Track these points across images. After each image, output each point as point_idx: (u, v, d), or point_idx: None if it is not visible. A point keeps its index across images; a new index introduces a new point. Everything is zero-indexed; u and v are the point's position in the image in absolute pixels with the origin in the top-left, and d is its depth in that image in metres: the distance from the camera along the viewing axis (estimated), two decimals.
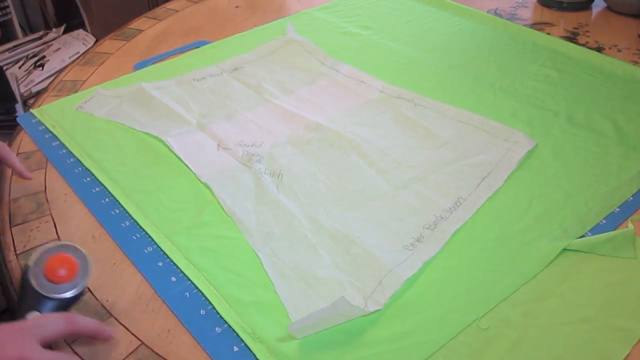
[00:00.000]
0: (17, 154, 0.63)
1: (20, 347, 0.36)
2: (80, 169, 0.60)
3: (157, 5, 1.14)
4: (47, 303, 0.41)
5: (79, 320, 0.40)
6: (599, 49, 0.80)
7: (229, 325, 0.43)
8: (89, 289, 0.47)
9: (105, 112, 0.68)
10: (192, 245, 0.50)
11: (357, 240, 0.49)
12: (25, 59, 1.48)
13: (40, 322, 0.38)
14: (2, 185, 0.59)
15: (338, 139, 0.62)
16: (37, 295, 0.41)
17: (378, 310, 0.43)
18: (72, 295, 0.41)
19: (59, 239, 0.52)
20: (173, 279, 0.47)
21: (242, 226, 0.52)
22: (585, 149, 0.60)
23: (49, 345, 0.38)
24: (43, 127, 0.66)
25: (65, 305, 0.42)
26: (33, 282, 0.41)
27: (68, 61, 1.43)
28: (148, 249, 0.50)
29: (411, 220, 0.52)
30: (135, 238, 0.51)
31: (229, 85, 0.73)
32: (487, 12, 0.91)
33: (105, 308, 0.45)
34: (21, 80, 1.45)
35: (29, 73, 1.43)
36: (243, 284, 0.47)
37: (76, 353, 0.42)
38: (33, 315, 0.40)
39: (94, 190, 0.57)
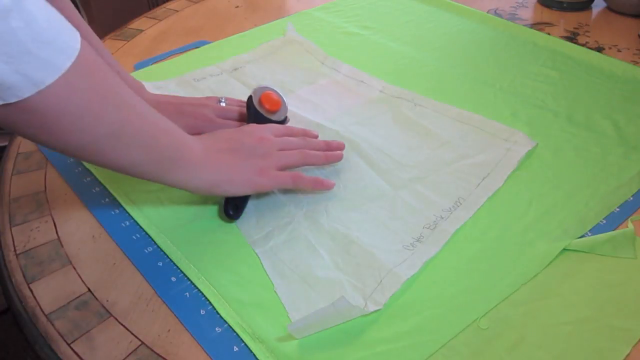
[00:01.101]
0: (17, 154, 0.63)
1: (263, 133, 0.54)
2: (80, 169, 0.60)
3: (157, 5, 1.14)
4: (265, 121, 0.58)
5: (294, 129, 0.59)
6: (599, 49, 0.80)
7: (229, 325, 0.43)
8: (89, 289, 0.47)
9: None
10: (192, 246, 0.50)
11: (357, 240, 0.49)
12: None
13: (272, 126, 0.57)
14: (2, 185, 0.59)
15: (338, 139, 0.62)
16: (259, 115, 0.59)
17: (378, 310, 0.43)
18: (279, 119, 0.60)
19: (58, 239, 0.52)
20: (173, 279, 0.47)
21: (242, 226, 0.52)
22: (585, 149, 0.60)
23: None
24: None
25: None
26: (257, 106, 0.59)
27: None
28: (148, 249, 0.50)
29: (411, 220, 0.52)
30: (135, 238, 0.51)
31: (229, 85, 0.73)
32: (487, 12, 0.91)
33: (105, 308, 0.45)
34: None
35: None
36: (243, 284, 0.47)
37: (76, 353, 0.42)
38: None
39: (94, 190, 0.57)
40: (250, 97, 0.60)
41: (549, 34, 0.83)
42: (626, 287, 0.45)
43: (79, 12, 1.68)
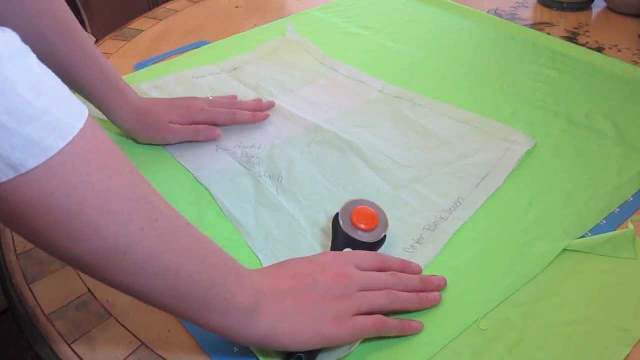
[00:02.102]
0: None
1: (341, 267, 0.42)
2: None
3: (157, 5, 1.14)
4: (355, 244, 0.47)
5: (388, 259, 0.46)
6: (599, 49, 0.80)
7: None
8: (89, 289, 0.47)
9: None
10: None
11: None
12: None
13: (357, 255, 0.45)
14: None
15: (337, 140, 0.62)
16: (347, 237, 0.47)
17: None
18: (375, 240, 0.48)
19: None
20: None
21: (241, 228, 0.52)
22: (585, 149, 0.60)
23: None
24: None
25: (369, 249, 0.47)
26: (343, 226, 0.48)
27: None
28: None
29: (411, 220, 0.52)
30: None
31: (228, 85, 0.73)
32: (487, 12, 0.91)
33: (105, 308, 0.45)
34: None
35: None
36: None
37: (76, 353, 0.42)
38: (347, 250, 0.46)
39: None
40: (336, 216, 0.49)
41: (549, 34, 0.83)
42: (626, 287, 0.45)
43: (79, 12, 1.67)
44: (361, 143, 0.61)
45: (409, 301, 0.43)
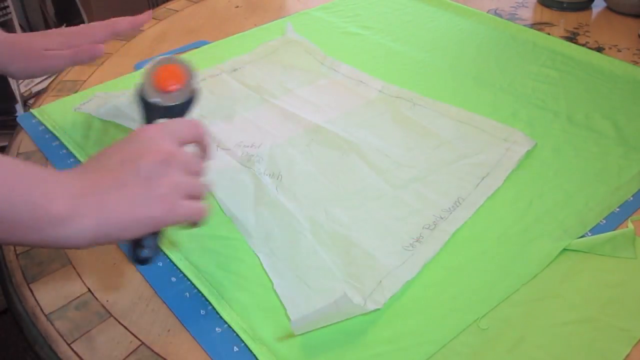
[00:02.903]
0: (17, 154, 0.63)
1: (164, 143, 0.40)
2: None
3: (157, 5, 1.14)
4: (166, 111, 0.43)
5: (204, 126, 0.43)
6: (599, 49, 0.80)
7: (228, 326, 0.43)
8: (89, 289, 0.47)
9: (104, 112, 0.68)
10: (192, 246, 0.50)
11: (356, 242, 0.49)
12: None
13: (173, 126, 0.42)
14: None
15: (337, 140, 0.62)
16: (155, 107, 0.43)
17: (378, 309, 0.43)
18: (185, 100, 0.44)
19: None
20: (173, 279, 0.47)
21: (241, 227, 0.52)
22: (585, 149, 0.60)
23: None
24: (43, 127, 0.66)
25: (182, 109, 0.44)
26: (147, 96, 0.43)
27: None
28: None
29: (411, 220, 0.52)
30: None
31: (228, 86, 0.73)
32: (487, 12, 0.91)
33: (105, 308, 0.45)
34: (21, 80, 1.45)
35: None
36: (243, 284, 0.47)
37: (76, 353, 0.42)
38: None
39: None
40: (138, 85, 0.45)
41: (549, 34, 0.83)
42: (626, 287, 0.45)
43: (79, 12, 1.67)
44: (361, 143, 0.61)
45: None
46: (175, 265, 0.48)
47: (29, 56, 0.56)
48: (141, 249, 0.40)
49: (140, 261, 0.40)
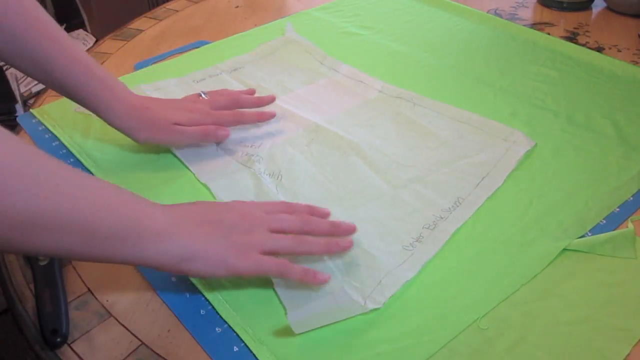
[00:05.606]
0: None
1: (248, 208, 0.46)
2: (80, 169, 0.60)
3: (157, 5, 1.14)
4: None
5: (295, 205, 0.49)
6: (599, 49, 0.80)
7: (229, 326, 0.43)
8: (89, 289, 0.47)
9: None
10: None
11: (356, 242, 0.49)
12: None
13: (263, 203, 0.48)
14: None
15: (337, 140, 0.62)
16: None
17: (377, 309, 0.43)
18: None
19: None
20: (173, 279, 0.47)
21: None
22: (585, 149, 0.60)
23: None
24: (43, 127, 0.66)
25: None
26: None
27: None
28: None
29: (411, 220, 0.52)
30: None
31: (228, 86, 0.73)
32: (487, 12, 0.91)
33: (105, 308, 0.45)
34: (21, 80, 1.45)
35: None
36: (243, 284, 0.47)
37: (76, 353, 0.42)
38: None
39: None
40: None
41: (549, 34, 0.83)
42: (626, 287, 0.45)
43: (79, 12, 1.67)
44: (361, 143, 0.61)
45: (315, 245, 0.45)
46: None
47: (158, 126, 0.57)
48: (51, 328, 0.42)
49: (51, 344, 0.42)
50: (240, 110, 0.63)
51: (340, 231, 0.47)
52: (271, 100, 0.65)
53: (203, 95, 0.63)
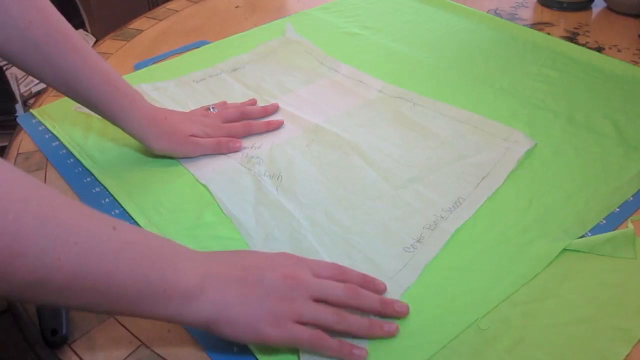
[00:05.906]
0: (17, 154, 0.63)
1: (295, 269, 0.41)
2: (80, 169, 0.60)
3: (157, 5, 1.14)
4: None
5: (349, 271, 0.44)
6: (599, 49, 0.80)
7: None
8: None
9: None
10: (192, 246, 0.49)
11: (357, 245, 0.49)
12: None
13: (316, 261, 0.43)
14: None
15: (337, 141, 0.62)
16: None
17: None
18: None
19: None
20: None
21: (241, 227, 0.52)
22: (585, 149, 0.60)
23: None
24: (43, 127, 0.66)
25: None
26: None
27: None
28: None
29: (411, 220, 0.52)
30: None
31: (228, 86, 0.73)
32: (487, 12, 0.91)
33: None
34: (21, 80, 1.45)
35: None
36: None
37: (76, 353, 0.42)
38: None
39: (94, 191, 0.57)
40: None
41: (549, 34, 0.83)
42: (626, 287, 0.45)
43: (79, 12, 1.67)
44: (361, 143, 0.61)
45: (355, 326, 0.41)
46: None
47: (175, 137, 0.59)
48: (50, 327, 0.42)
49: (50, 344, 0.42)
50: (249, 121, 0.64)
51: (390, 311, 0.42)
52: (275, 109, 0.67)
53: (212, 110, 0.65)
